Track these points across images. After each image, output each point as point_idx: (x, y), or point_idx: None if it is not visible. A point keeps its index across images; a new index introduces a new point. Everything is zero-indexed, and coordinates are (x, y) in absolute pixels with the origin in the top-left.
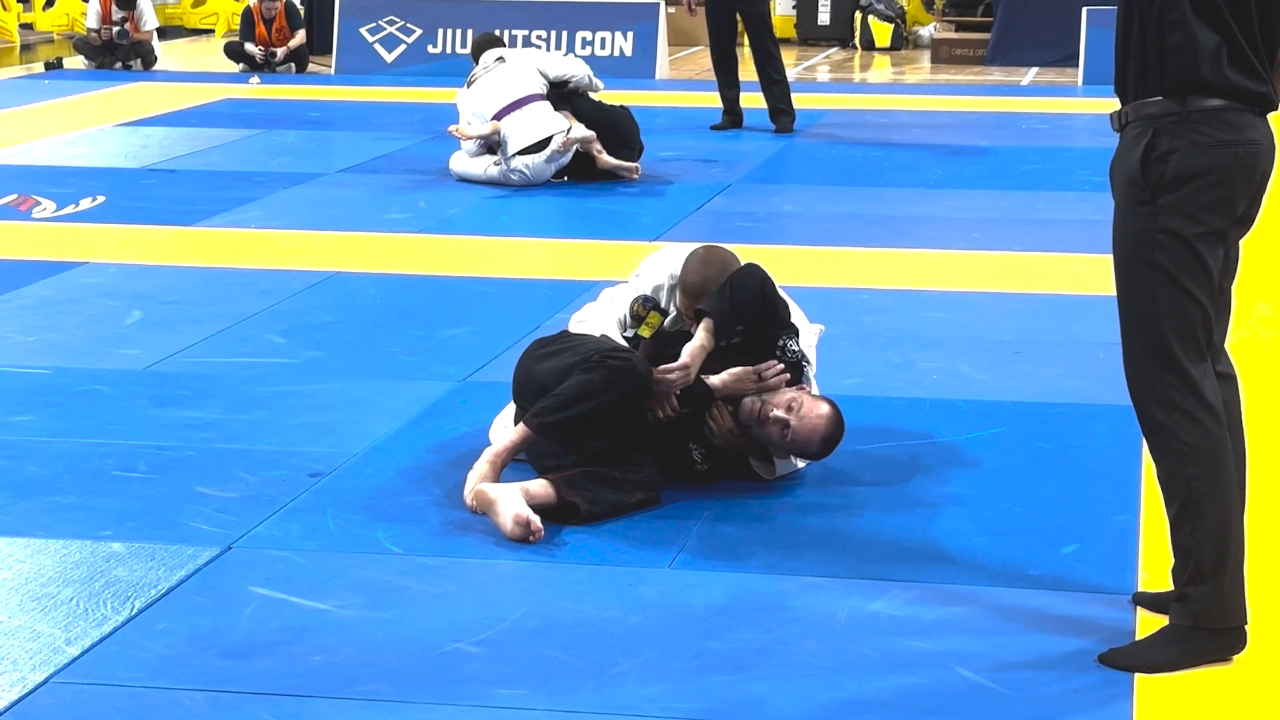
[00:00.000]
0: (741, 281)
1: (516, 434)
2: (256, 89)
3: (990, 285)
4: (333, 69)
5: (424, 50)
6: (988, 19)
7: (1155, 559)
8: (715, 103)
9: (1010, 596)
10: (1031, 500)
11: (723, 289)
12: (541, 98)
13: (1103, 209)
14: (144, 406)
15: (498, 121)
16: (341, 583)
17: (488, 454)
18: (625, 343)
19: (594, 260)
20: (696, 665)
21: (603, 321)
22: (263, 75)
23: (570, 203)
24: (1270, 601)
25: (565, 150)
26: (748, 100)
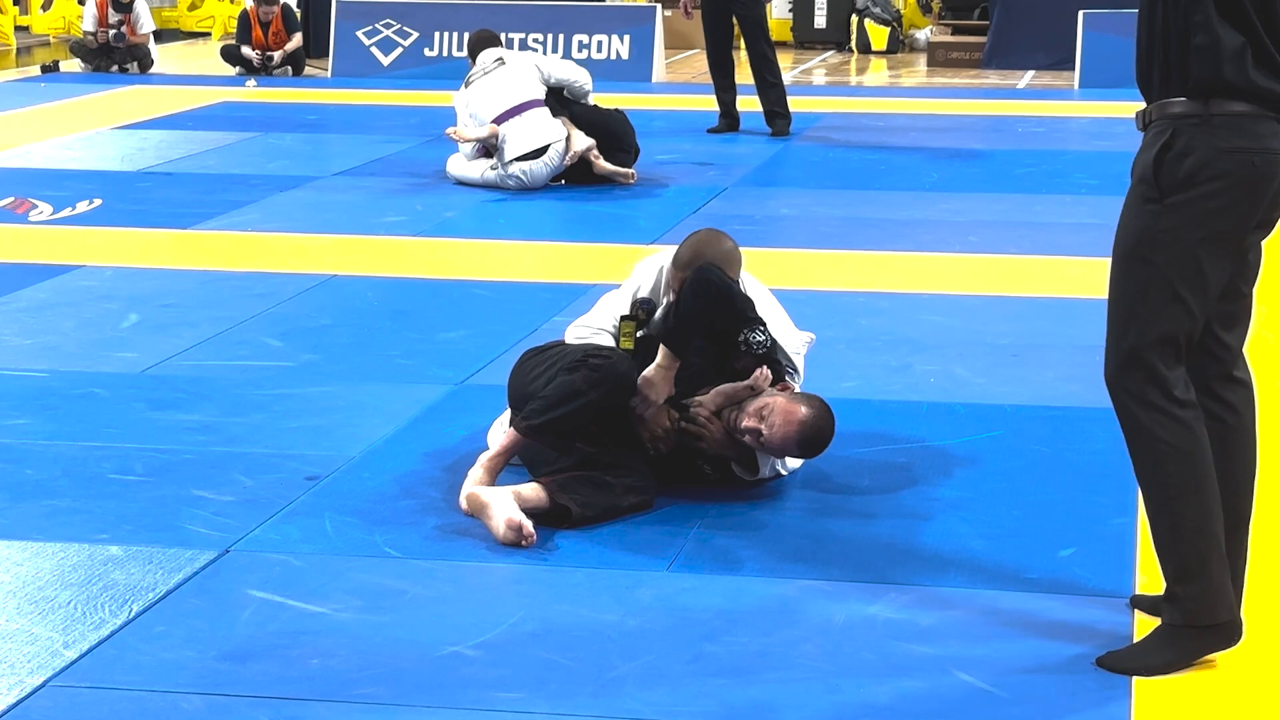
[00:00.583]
0: (687, 290)
1: (507, 438)
2: (253, 92)
3: (987, 288)
4: (329, 72)
5: (420, 53)
6: (984, 22)
7: (1153, 562)
8: (712, 106)
9: (1008, 600)
10: (1029, 503)
11: (667, 306)
12: (541, 103)
13: (1099, 212)
14: (141, 409)
15: (496, 125)
16: (339, 586)
17: (482, 458)
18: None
19: (591, 263)
20: (695, 669)
21: (592, 332)
22: (259, 78)
23: (567, 206)
24: (1270, 601)
25: (568, 163)
26: (744, 103)
